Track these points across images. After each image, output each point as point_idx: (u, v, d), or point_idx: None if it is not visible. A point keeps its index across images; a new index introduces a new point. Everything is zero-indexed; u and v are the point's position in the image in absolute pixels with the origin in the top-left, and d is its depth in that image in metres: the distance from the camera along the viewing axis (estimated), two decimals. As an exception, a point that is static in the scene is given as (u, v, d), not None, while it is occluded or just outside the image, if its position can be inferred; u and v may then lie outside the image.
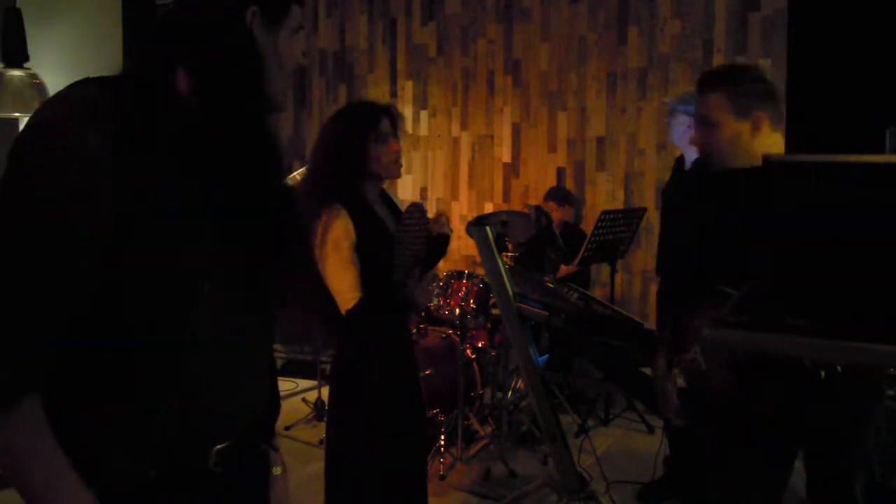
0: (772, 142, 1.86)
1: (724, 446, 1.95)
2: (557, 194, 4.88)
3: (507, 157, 5.45)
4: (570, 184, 5.21)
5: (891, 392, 2.42)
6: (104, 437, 0.96)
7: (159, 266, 0.95)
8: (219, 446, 1.04)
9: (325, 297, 2.16)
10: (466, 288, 4.00)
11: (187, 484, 1.01)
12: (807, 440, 1.88)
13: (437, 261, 2.38)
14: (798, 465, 1.92)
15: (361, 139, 2.21)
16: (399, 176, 2.35)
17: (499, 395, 4.31)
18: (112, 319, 0.95)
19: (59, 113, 0.93)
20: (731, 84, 1.87)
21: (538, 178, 5.32)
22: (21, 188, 0.90)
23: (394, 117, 2.31)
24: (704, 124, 1.89)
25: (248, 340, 1.09)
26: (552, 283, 2.80)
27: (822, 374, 1.68)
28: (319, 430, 4.25)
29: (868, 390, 1.82)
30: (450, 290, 4.01)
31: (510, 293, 2.52)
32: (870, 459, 1.84)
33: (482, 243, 2.55)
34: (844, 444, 1.81)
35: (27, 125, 0.94)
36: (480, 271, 4.25)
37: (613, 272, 4.42)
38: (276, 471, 1.21)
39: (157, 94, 1.00)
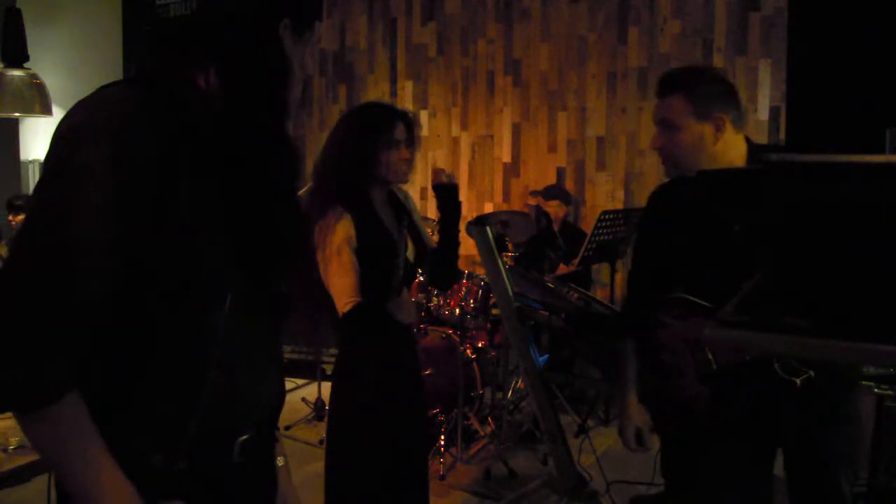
0: (734, 143, 1.82)
1: (703, 453, 1.95)
2: (559, 193, 4.90)
3: (507, 157, 5.45)
4: (569, 184, 5.21)
5: (891, 392, 2.43)
6: (142, 434, 1.00)
7: (193, 266, 0.99)
8: (241, 438, 1.09)
9: (328, 298, 2.15)
10: (466, 288, 4.00)
11: (213, 475, 1.07)
12: (784, 442, 1.87)
13: (455, 215, 2.30)
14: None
15: (371, 142, 2.17)
16: (406, 182, 2.32)
17: (499, 395, 4.31)
18: (148, 318, 0.99)
19: (98, 119, 0.93)
20: (691, 86, 1.82)
21: (538, 178, 5.32)
22: (62, 195, 0.91)
23: (410, 124, 2.26)
24: (665, 128, 1.86)
25: (265, 337, 1.14)
26: (552, 283, 2.80)
27: (798, 382, 1.67)
28: (319, 430, 4.25)
29: (842, 390, 1.80)
30: (450, 290, 4.02)
31: (510, 293, 2.52)
32: (854, 458, 1.83)
33: (482, 243, 2.55)
34: (823, 444, 1.79)
35: (64, 131, 0.94)
36: (480, 271, 4.26)
37: (613, 272, 4.42)
38: (280, 461, 1.27)
39: (189, 98, 1.02)
